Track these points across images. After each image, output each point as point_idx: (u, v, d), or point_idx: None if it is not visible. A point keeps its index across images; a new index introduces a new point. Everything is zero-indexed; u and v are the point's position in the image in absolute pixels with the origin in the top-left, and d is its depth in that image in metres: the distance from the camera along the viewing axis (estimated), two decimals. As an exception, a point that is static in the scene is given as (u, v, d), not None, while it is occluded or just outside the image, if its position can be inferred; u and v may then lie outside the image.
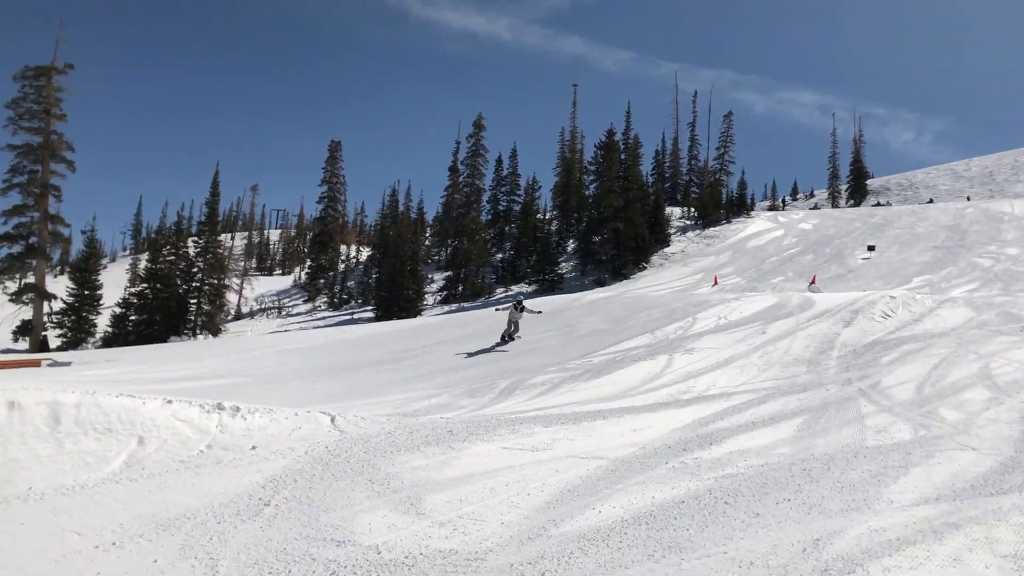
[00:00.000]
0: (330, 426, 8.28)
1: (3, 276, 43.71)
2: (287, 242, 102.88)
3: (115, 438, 6.59)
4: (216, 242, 47.29)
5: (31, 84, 41.86)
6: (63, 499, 5.49)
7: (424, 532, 5.17)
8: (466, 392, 14.47)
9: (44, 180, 41.63)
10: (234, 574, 4.33)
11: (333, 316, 53.62)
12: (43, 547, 4.66)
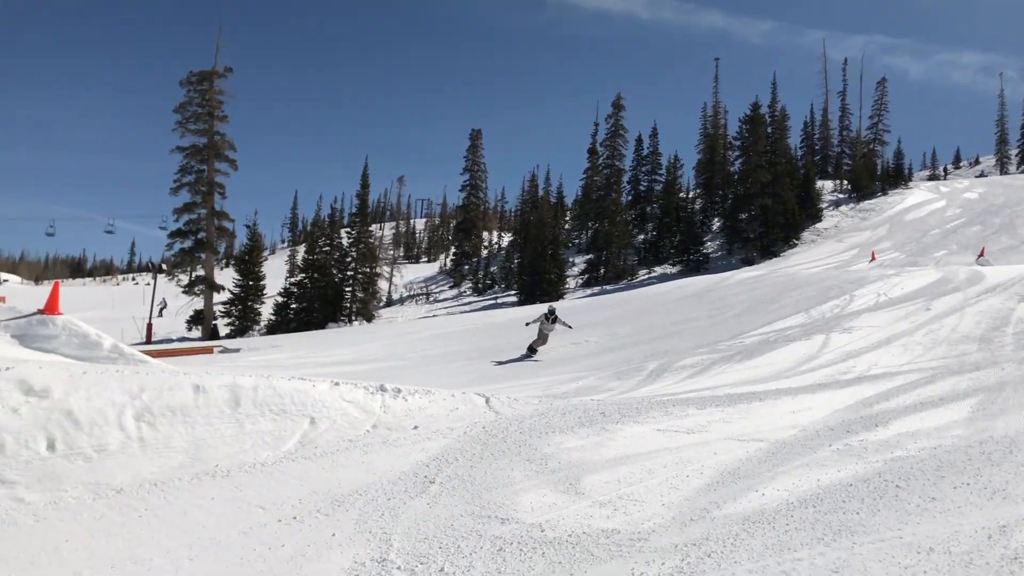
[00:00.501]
0: (485, 407, 8.49)
1: (177, 270, 47.13)
2: (432, 230, 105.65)
3: (289, 419, 7.00)
4: (367, 232, 49.12)
5: (195, 89, 44.68)
6: (246, 476, 5.89)
7: (585, 512, 5.23)
8: (613, 375, 14.48)
9: (210, 179, 44.44)
10: (407, 548, 4.53)
11: (478, 301, 54.66)
12: (232, 520, 5.02)
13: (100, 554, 4.36)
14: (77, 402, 5.97)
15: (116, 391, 6.28)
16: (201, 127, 44.45)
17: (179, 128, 44.35)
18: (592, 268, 54.85)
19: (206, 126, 44.45)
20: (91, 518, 4.88)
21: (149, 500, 5.24)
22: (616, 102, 61.85)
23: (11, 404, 5.68)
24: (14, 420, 5.55)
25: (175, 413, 6.38)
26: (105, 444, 5.78)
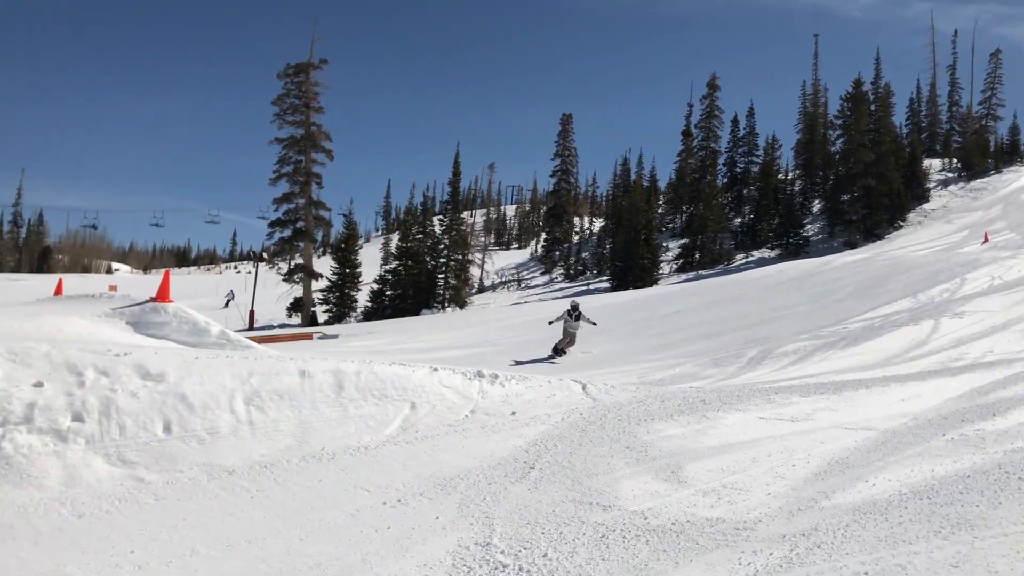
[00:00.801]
0: (582, 394, 8.45)
1: (276, 258, 48.50)
2: (522, 216, 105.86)
3: (390, 403, 7.12)
4: (459, 220, 49.60)
5: (292, 81, 45.78)
6: (351, 458, 6.02)
7: (688, 500, 5.14)
8: (711, 361, 14.21)
9: (307, 169, 45.53)
10: (509, 533, 4.54)
11: (569, 287, 54.53)
12: (340, 502, 5.14)
13: (216, 533, 4.52)
14: (190, 386, 6.20)
15: (227, 376, 6.50)
16: (298, 118, 45.54)
17: (277, 120, 45.55)
18: (687, 253, 54.02)
19: (303, 117, 45.52)
20: (206, 498, 5.06)
21: (260, 481, 5.41)
22: (711, 82, 60.57)
23: (130, 388, 5.94)
24: (133, 403, 5.81)
25: (282, 397, 6.57)
26: (217, 427, 5.99)
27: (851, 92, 51.55)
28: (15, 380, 5.69)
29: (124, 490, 5.06)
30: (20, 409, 5.38)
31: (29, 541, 4.26)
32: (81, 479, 5.10)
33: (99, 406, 5.66)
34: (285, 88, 45.61)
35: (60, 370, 5.97)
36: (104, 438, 5.49)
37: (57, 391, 5.67)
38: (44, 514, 4.62)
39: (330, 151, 46.30)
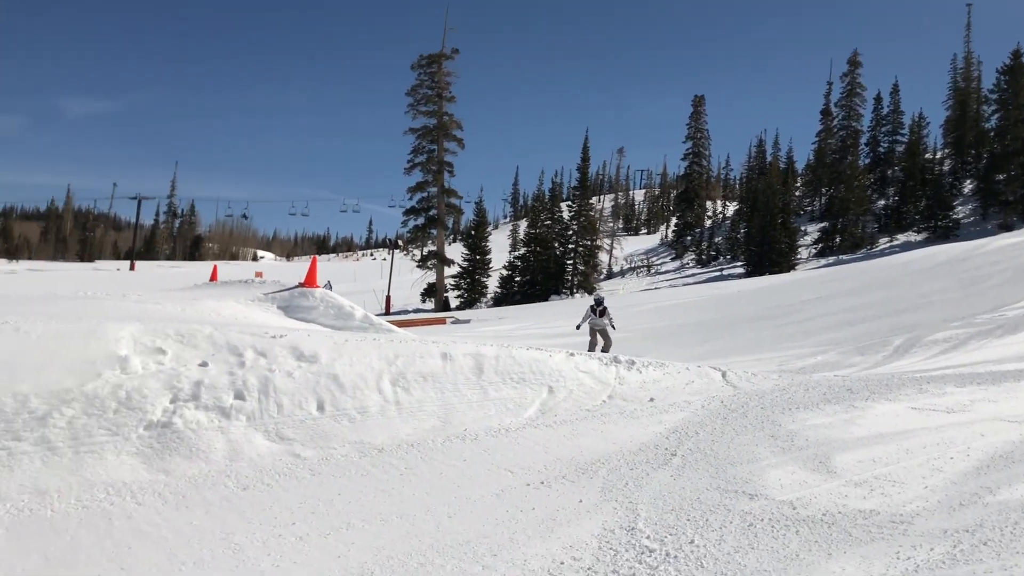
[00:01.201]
0: (722, 381, 8.29)
1: (411, 245, 49.78)
2: (651, 201, 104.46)
3: (528, 387, 7.21)
4: (588, 205, 49.47)
5: (425, 72, 46.73)
6: (492, 440, 6.13)
7: (839, 491, 4.97)
8: (855, 349, 13.66)
9: (439, 158, 46.44)
10: (654, 518, 4.52)
11: (702, 273, 53.49)
12: (484, 482, 5.26)
13: (369, 508, 4.71)
14: (341, 367, 6.47)
15: (374, 358, 6.75)
16: (431, 108, 46.48)
17: (411, 110, 46.65)
18: (826, 237, 51.96)
19: (435, 107, 46.43)
20: (358, 474, 5.28)
21: (408, 459, 5.59)
22: (852, 59, 57.90)
23: (286, 368, 6.26)
24: (289, 383, 6.12)
25: (426, 379, 6.76)
26: (366, 406, 6.23)
27: (1009, 64, 48.08)
28: (183, 360, 6.09)
29: (283, 465, 5.34)
30: (188, 387, 5.75)
31: (201, 510, 4.57)
32: (243, 454, 5.42)
33: (258, 385, 5.99)
34: (419, 79, 46.63)
35: (222, 351, 6.36)
36: (263, 415, 5.80)
37: (220, 371, 6.04)
38: (212, 485, 4.93)
39: (461, 140, 47.07)
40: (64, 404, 5.24)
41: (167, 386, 5.69)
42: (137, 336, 6.22)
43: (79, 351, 5.83)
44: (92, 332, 6.13)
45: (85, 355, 5.78)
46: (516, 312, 31.50)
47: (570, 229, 48.81)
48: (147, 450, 5.21)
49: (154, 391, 5.60)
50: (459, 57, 47.37)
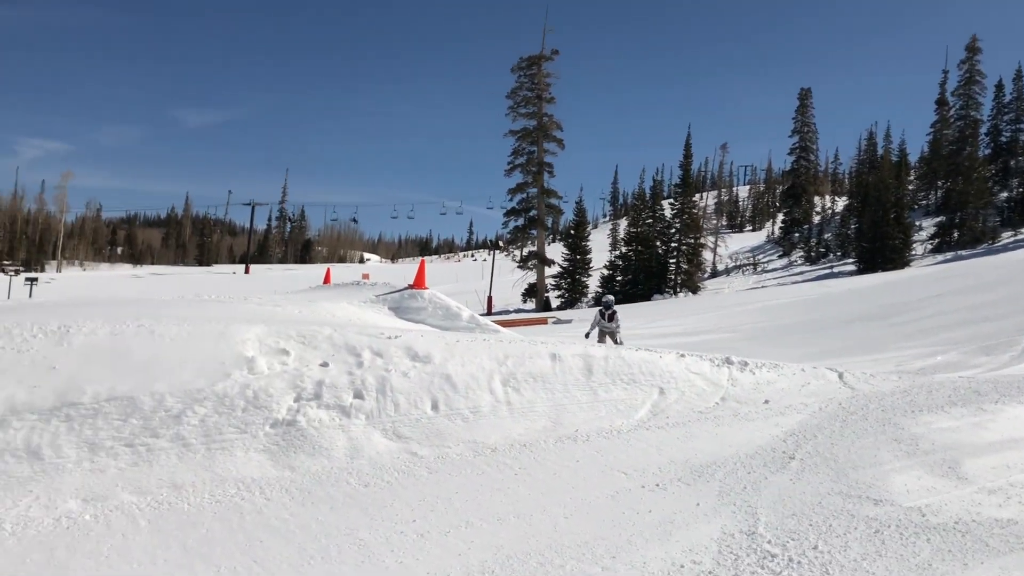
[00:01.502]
0: (839, 382, 8.04)
1: (511, 246, 50.15)
2: (756, 197, 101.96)
3: (639, 388, 7.16)
4: (691, 203, 48.69)
5: (525, 74, 47.00)
6: (604, 441, 6.13)
7: (971, 498, 4.76)
8: (980, 349, 13.03)
9: (539, 159, 46.63)
10: (774, 523, 4.43)
11: (811, 271, 51.89)
12: (598, 483, 5.26)
13: (485, 506, 4.78)
14: (454, 368, 6.59)
15: (485, 358, 6.84)
16: (531, 110, 46.74)
17: (511, 113, 47.05)
18: (943, 232, 49.65)
19: (535, 109, 46.65)
20: (473, 473, 5.36)
21: (521, 459, 5.64)
22: (971, 45, 55.16)
23: (402, 368, 6.41)
24: (405, 383, 6.27)
25: (536, 379, 6.81)
26: (478, 406, 6.32)
27: None
28: (305, 360, 6.32)
29: (401, 463, 5.47)
30: (310, 387, 5.97)
31: (326, 506, 4.73)
32: (363, 451, 5.58)
33: (376, 385, 6.16)
34: (518, 81, 46.97)
35: (341, 351, 6.56)
36: (381, 414, 5.96)
37: (340, 371, 6.23)
38: (335, 482, 5.10)
39: (561, 140, 47.15)
40: (197, 403, 5.52)
41: (291, 386, 5.92)
42: (262, 338, 6.49)
43: (209, 352, 6.12)
44: (221, 334, 6.43)
45: (215, 356, 6.07)
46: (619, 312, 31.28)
47: (672, 227, 48.16)
48: (273, 447, 5.43)
49: (279, 390, 5.83)
50: (559, 57, 47.46)
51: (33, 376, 5.50)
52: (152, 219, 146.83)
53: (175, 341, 6.25)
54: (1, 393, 5.28)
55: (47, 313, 7.24)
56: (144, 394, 5.46)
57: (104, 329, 6.26)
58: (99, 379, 5.53)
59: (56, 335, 6.09)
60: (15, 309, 8.49)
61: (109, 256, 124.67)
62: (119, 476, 4.91)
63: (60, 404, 5.27)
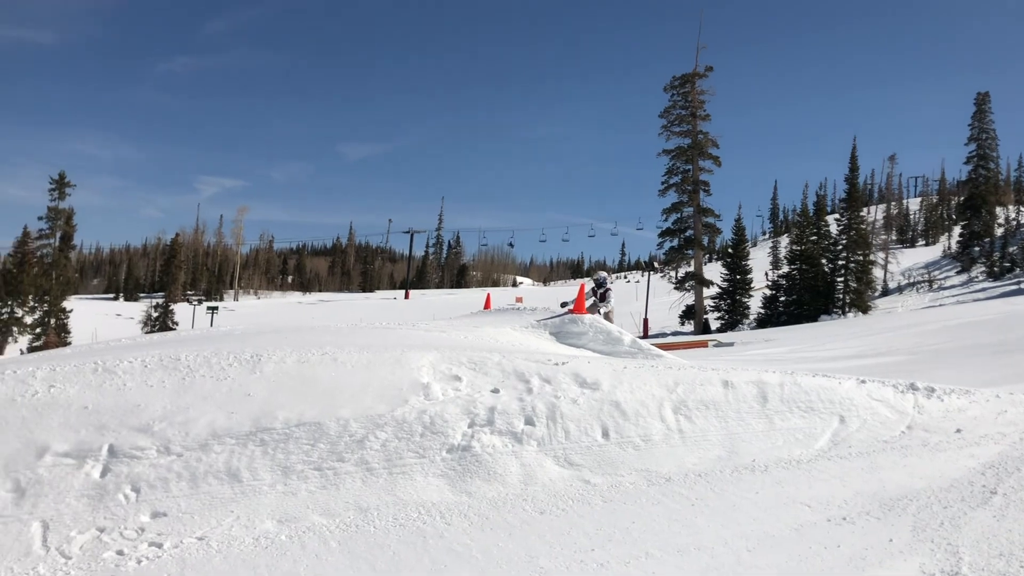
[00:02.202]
0: (1041, 411, 7.41)
1: (667, 267, 49.49)
2: (929, 210, 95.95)
3: (817, 416, 6.86)
4: (858, 218, 46.41)
5: (678, 92, 46.52)
6: (783, 472, 5.90)
7: None
8: None
9: (695, 177, 45.92)
10: (980, 563, 4.12)
11: (994, 287, 48.16)
12: (780, 516, 5.06)
13: (664, 537, 4.70)
14: (623, 394, 6.55)
15: (654, 385, 6.76)
16: (685, 128, 46.17)
17: (664, 132, 46.66)
18: None
19: (689, 127, 46.04)
20: (649, 503, 5.29)
21: (696, 489, 5.52)
22: None
23: (571, 395, 6.44)
24: (574, 409, 6.28)
25: (707, 407, 6.66)
26: (649, 434, 6.24)
27: None
28: (477, 387, 6.46)
29: (574, 491, 5.48)
30: (483, 413, 6.09)
31: (504, 532, 4.80)
32: (536, 478, 5.63)
33: (546, 411, 6.21)
34: (671, 100, 46.54)
35: (511, 378, 6.67)
36: (552, 441, 6.00)
37: (511, 397, 6.33)
38: (511, 509, 5.17)
39: (717, 158, 46.28)
40: (378, 428, 5.74)
41: (465, 411, 6.06)
42: (436, 364, 6.70)
43: (388, 379, 6.38)
44: (397, 360, 6.69)
45: (393, 382, 6.31)
46: (783, 334, 30.13)
47: (839, 244, 46.02)
48: (450, 472, 5.57)
49: (454, 416, 5.99)
50: (712, 73, 46.68)
51: (231, 402, 5.91)
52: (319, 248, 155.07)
53: (356, 368, 6.55)
54: (204, 418, 5.70)
55: (240, 342, 7.78)
56: (330, 420, 5.74)
57: (292, 357, 6.65)
58: (289, 405, 5.87)
59: (249, 363, 6.52)
60: (209, 338, 9.17)
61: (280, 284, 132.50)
62: (309, 498, 5.17)
63: (255, 429, 5.62)
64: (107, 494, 5.04)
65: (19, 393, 6.09)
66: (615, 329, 11.51)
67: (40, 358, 8.26)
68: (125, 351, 7.75)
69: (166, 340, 9.95)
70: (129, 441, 5.43)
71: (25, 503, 4.92)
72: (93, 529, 4.71)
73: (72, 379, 6.29)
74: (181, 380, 6.28)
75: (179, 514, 4.90)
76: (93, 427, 5.60)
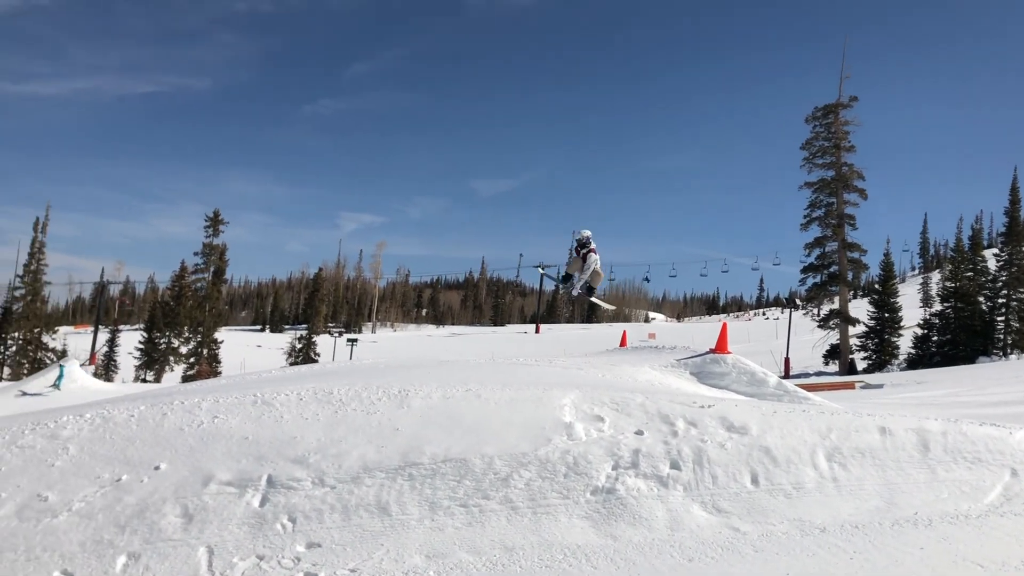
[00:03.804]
0: None
1: (810, 304, 47.71)
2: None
3: (986, 468, 6.40)
4: (1020, 253, 43.37)
5: (820, 123, 45.11)
6: (950, 527, 5.52)
7: None
8: None
9: (839, 211, 44.24)
10: None
11: None
12: (948, 574, 4.73)
13: (822, 593, 4.48)
14: (772, 439, 6.32)
15: (805, 430, 6.49)
16: (828, 160, 44.67)
17: (806, 164, 45.27)
18: None
19: (833, 159, 44.52)
20: (803, 554, 5.06)
21: (854, 542, 5.24)
22: None
23: (718, 439, 6.26)
24: (722, 454, 6.11)
25: (863, 455, 6.33)
26: (801, 482, 5.98)
27: None
28: (620, 428, 6.39)
29: (724, 538, 5.31)
30: (627, 455, 6.01)
31: (651, 578, 4.69)
32: (683, 524, 5.49)
33: (692, 455, 6.06)
34: (813, 131, 45.23)
35: (654, 419, 6.56)
36: (699, 486, 5.84)
37: (655, 439, 6.22)
38: (658, 554, 5.05)
39: (863, 190, 44.51)
40: (522, 467, 5.76)
41: (608, 453, 6.00)
42: (577, 403, 6.68)
43: (530, 417, 6.40)
44: (539, 399, 6.71)
45: (536, 421, 6.33)
46: (937, 376, 28.40)
47: (998, 280, 43.14)
48: (594, 514, 5.51)
49: (597, 457, 5.94)
50: (857, 104, 45.06)
51: (380, 437, 6.08)
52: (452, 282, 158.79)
53: (499, 405, 6.62)
54: (355, 451, 5.88)
55: (385, 376, 8.01)
56: (475, 456, 5.81)
57: (437, 393, 6.79)
58: (436, 441, 5.99)
59: (397, 398, 6.70)
60: (356, 372, 9.50)
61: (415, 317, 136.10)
62: (456, 535, 5.23)
63: (403, 464, 5.76)
64: (266, 523, 5.26)
65: (186, 423, 6.48)
66: (759, 369, 11.17)
67: (202, 389, 8.79)
68: (280, 383, 8.13)
69: (314, 372, 10.38)
70: (286, 472, 5.67)
71: (192, 528, 5.20)
72: (253, 556, 4.92)
73: (234, 411, 6.64)
74: (334, 413, 6.52)
75: (332, 545, 5.05)
76: (253, 457, 5.88)
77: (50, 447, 6.25)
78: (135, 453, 6.06)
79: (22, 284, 59.45)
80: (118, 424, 6.52)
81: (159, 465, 5.81)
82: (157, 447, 6.11)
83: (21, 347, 58.73)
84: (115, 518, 5.29)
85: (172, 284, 60.35)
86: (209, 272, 60.03)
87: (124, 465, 5.91)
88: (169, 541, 5.07)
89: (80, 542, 5.10)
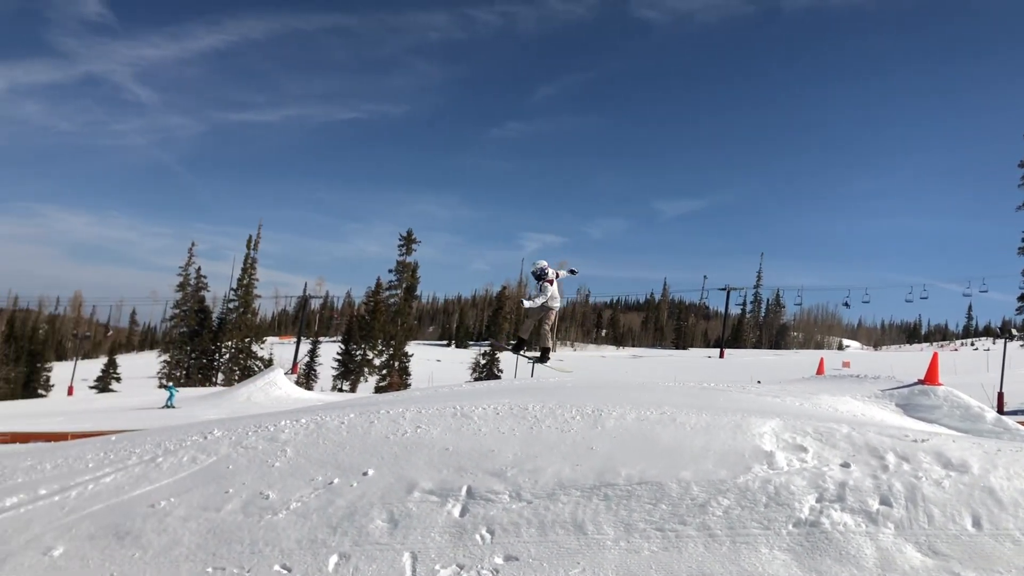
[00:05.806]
0: None
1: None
2: None
3: None
4: None
5: (1042, 139, 41.30)
6: None
7: None
8: None
9: (1063, 233, 40.22)
10: None
11: None
12: None
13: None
14: (997, 480, 5.83)
15: (1036, 473, 5.94)
16: (1049, 179, 40.83)
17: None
18: None
19: (1055, 177, 40.65)
20: (1036, 609, 4.63)
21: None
22: None
23: (933, 477, 5.85)
24: (939, 493, 5.70)
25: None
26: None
27: None
28: (824, 459, 6.11)
29: (940, 584, 4.95)
30: (832, 487, 5.73)
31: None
32: (895, 564, 5.16)
33: (904, 492, 5.70)
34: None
35: (862, 452, 6.22)
36: (912, 525, 5.48)
37: (863, 473, 5.90)
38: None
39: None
40: (720, 494, 5.64)
41: (812, 485, 5.75)
42: (778, 432, 6.46)
43: (728, 443, 6.26)
44: (737, 426, 6.54)
45: (734, 448, 6.18)
46: None
47: None
48: (797, 547, 5.29)
49: (800, 488, 5.71)
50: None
51: (575, 455, 6.14)
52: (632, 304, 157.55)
53: (695, 430, 6.51)
54: (550, 468, 5.98)
55: (576, 396, 8.08)
56: (671, 480, 5.74)
57: (631, 415, 6.78)
58: (630, 462, 5.97)
59: (591, 418, 6.75)
60: (545, 389, 9.64)
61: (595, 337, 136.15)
62: (651, 559, 5.18)
63: (598, 483, 5.78)
64: (465, 533, 5.44)
65: (391, 431, 6.83)
66: (975, 404, 10.33)
67: (403, 399, 9.22)
68: (475, 397, 8.39)
69: (503, 388, 10.63)
70: (485, 484, 5.84)
71: (397, 533, 5.47)
72: (454, 565, 5.10)
73: (435, 422, 6.93)
74: (529, 429, 6.65)
75: (529, 559, 5.15)
76: (453, 468, 6.11)
77: (270, 449, 6.78)
78: (345, 458, 6.46)
79: (235, 297, 64.83)
80: (330, 430, 6.97)
81: (367, 471, 6.16)
82: (365, 453, 6.48)
83: (233, 355, 64.00)
84: (327, 519, 5.66)
85: (368, 299, 63.78)
86: (401, 288, 62.95)
87: (335, 469, 6.31)
88: (376, 544, 5.36)
89: (297, 539, 5.49)
